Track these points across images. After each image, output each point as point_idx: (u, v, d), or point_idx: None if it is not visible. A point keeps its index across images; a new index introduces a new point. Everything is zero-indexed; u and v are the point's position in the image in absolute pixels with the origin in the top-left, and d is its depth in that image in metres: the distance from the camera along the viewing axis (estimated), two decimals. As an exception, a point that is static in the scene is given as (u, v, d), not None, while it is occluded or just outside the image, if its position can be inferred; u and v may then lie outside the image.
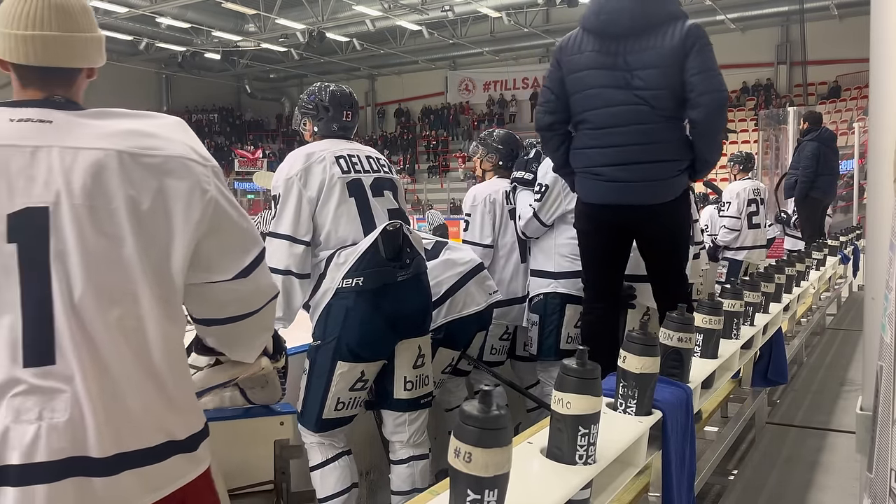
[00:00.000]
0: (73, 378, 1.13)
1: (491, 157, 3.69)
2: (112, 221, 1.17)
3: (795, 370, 4.08)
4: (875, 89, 1.96)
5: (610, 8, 2.55)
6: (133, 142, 1.20)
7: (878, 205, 1.94)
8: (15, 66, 1.24)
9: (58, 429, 1.11)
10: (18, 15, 1.20)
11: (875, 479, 1.28)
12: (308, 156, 2.55)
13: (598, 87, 2.57)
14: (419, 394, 2.65)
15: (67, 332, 1.13)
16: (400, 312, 2.50)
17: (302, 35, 22.06)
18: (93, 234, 1.16)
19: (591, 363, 1.30)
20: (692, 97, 2.53)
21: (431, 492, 1.56)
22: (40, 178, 1.14)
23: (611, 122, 2.57)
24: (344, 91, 2.77)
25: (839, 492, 2.46)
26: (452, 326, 2.90)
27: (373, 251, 2.46)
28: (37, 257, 1.13)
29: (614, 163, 2.58)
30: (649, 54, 2.53)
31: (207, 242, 1.27)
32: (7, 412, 1.10)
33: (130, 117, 1.25)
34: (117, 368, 1.17)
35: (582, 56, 2.61)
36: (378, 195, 2.60)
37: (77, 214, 1.15)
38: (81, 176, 1.15)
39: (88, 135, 1.19)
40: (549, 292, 3.33)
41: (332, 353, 2.46)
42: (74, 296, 1.14)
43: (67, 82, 1.26)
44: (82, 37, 1.25)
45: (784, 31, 22.85)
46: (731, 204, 6.44)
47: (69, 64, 1.25)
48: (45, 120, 1.19)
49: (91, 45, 1.27)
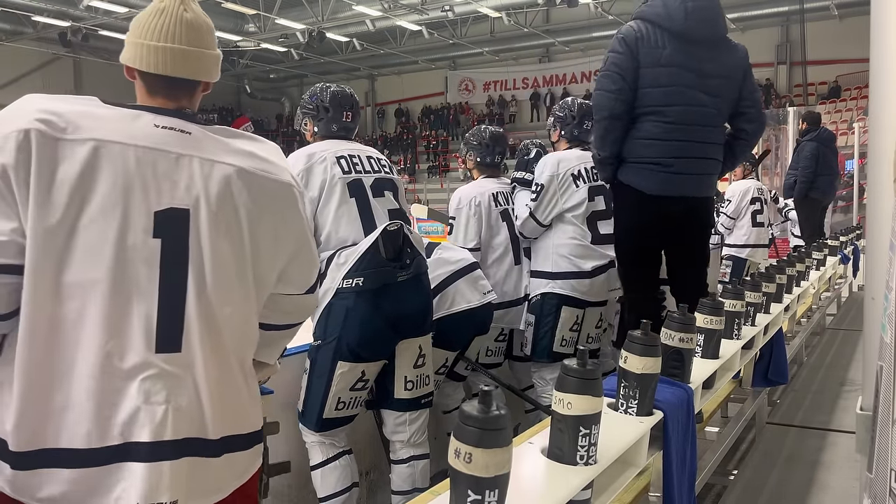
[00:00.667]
0: (194, 365, 1.27)
1: (471, 155, 3.66)
2: (237, 228, 1.33)
3: (795, 370, 4.08)
4: (875, 89, 1.96)
5: (698, 15, 2.70)
6: (254, 163, 1.37)
7: (878, 205, 1.94)
8: (143, 74, 1.37)
9: (181, 411, 1.24)
10: (153, 28, 1.35)
11: (875, 479, 1.28)
12: (309, 156, 2.55)
13: (681, 85, 2.70)
14: (420, 393, 2.65)
15: (196, 323, 1.27)
16: (400, 312, 2.50)
17: (302, 35, 22.06)
18: (222, 237, 1.31)
19: (592, 363, 1.30)
20: (750, 112, 2.87)
21: (432, 492, 1.56)
22: (182, 183, 1.28)
23: (687, 119, 2.72)
24: (345, 91, 2.77)
25: (839, 492, 2.46)
26: (444, 326, 2.89)
27: (373, 251, 2.46)
28: (177, 253, 1.27)
29: (684, 156, 2.74)
30: (721, 65, 2.77)
31: (295, 259, 1.45)
32: (138, 393, 1.22)
33: (247, 139, 1.41)
34: (226, 360, 1.32)
35: (664, 52, 2.70)
36: (379, 195, 2.60)
37: (212, 219, 1.30)
38: (217, 185, 1.31)
39: (220, 150, 1.34)
40: (546, 292, 3.33)
41: (332, 353, 2.46)
42: (205, 291, 1.28)
43: (190, 93, 1.41)
44: (207, 53, 1.40)
45: (784, 31, 22.85)
46: (730, 203, 6.42)
47: (194, 76, 1.39)
48: (186, 131, 1.33)
49: (211, 60, 1.42)
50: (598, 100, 2.79)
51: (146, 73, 1.36)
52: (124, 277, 1.23)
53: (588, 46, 24.73)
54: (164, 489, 1.22)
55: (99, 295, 1.21)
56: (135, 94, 1.44)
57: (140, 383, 1.22)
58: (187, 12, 1.37)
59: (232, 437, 1.32)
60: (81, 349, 1.20)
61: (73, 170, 1.21)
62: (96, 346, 1.20)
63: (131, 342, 1.22)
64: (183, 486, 1.24)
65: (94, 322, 1.21)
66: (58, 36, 21.84)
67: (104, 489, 1.20)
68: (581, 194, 3.29)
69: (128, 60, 1.38)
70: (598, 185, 3.27)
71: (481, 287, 3.08)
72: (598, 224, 3.31)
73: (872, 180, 2.02)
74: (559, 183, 3.26)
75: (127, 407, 1.21)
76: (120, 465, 1.21)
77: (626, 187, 2.83)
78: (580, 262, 3.28)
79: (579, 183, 3.29)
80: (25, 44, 23.04)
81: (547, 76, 26.54)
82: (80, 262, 1.21)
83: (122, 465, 1.21)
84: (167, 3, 1.37)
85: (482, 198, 3.49)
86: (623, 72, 2.71)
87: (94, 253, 1.21)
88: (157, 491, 1.21)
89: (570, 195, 3.28)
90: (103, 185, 1.22)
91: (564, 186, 3.28)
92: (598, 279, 3.31)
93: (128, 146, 1.26)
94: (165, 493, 1.22)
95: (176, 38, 1.35)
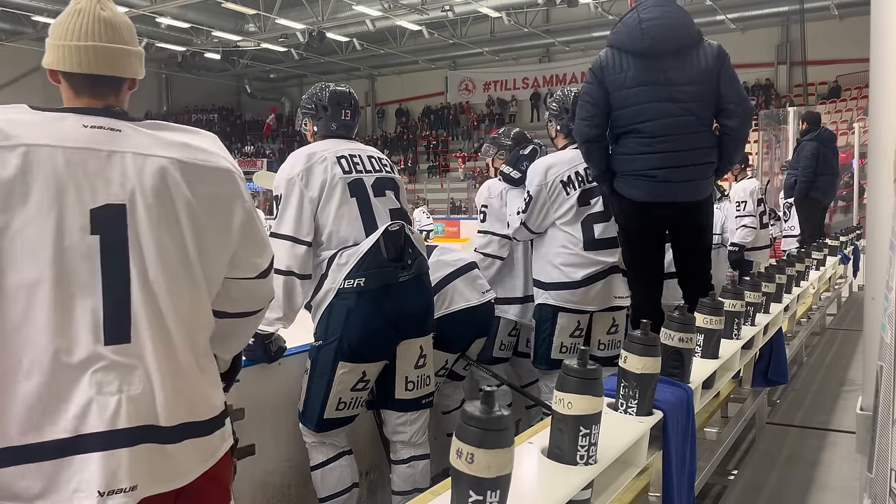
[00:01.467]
0: (144, 355, 1.29)
1: (502, 155, 3.72)
2: (176, 219, 1.35)
3: (795, 370, 4.08)
4: (875, 89, 1.96)
5: (654, 32, 2.85)
6: (188, 153, 1.39)
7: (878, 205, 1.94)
8: (66, 75, 1.39)
9: (134, 399, 1.27)
10: (71, 29, 1.37)
11: (875, 479, 1.28)
12: (309, 156, 2.54)
13: (648, 102, 2.86)
14: (420, 394, 2.65)
15: (142, 314, 1.30)
16: (402, 313, 2.50)
17: (302, 35, 22.07)
18: (161, 228, 1.33)
19: (592, 363, 1.31)
20: (729, 107, 2.90)
21: (432, 492, 1.56)
22: (116, 179, 1.31)
23: (663, 131, 2.87)
24: (343, 90, 2.77)
25: (839, 492, 2.46)
26: (443, 326, 2.89)
27: (374, 252, 2.46)
28: (116, 248, 1.29)
29: (667, 165, 2.88)
30: (691, 71, 2.87)
31: (243, 243, 1.47)
32: (90, 385, 1.24)
33: (181, 131, 1.43)
34: (178, 348, 1.34)
35: (627, 75, 2.88)
36: (380, 195, 2.59)
37: (149, 211, 1.32)
38: (151, 178, 1.33)
39: (152, 144, 1.36)
40: (541, 303, 3.32)
41: (333, 353, 2.46)
42: (148, 282, 1.31)
43: (116, 91, 1.42)
44: (126, 49, 1.41)
45: (784, 31, 22.86)
46: (747, 203, 6.17)
47: (117, 73, 1.40)
48: (115, 129, 1.34)
49: (133, 57, 1.43)
50: (575, 128, 3.03)
51: (69, 73, 1.38)
52: (65, 276, 1.25)
53: (588, 46, 24.73)
54: (122, 476, 1.23)
55: (42, 295, 1.23)
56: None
57: (91, 375, 1.25)
58: (104, 11, 1.39)
59: (190, 423, 1.35)
60: (29, 348, 1.23)
61: (6, 175, 1.23)
62: (44, 343, 1.23)
63: (78, 337, 1.25)
64: (142, 472, 1.26)
65: (40, 321, 1.23)
66: (58, 36, 21.86)
67: (62, 482, 1.22)
68: (571, 201, 3.22)
69: (50, 64, 1.39)
70: (595, 187, 3.22)
71: (480, 286, 3.08)
72: (595, 227, 3.22)
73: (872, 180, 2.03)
74: (548, 192, 3.20)
75: (79, 400, 1.23)
76: (74, 458, 1.22)
77: (621, 197, 3.00)
78: (570, 271, 3.20)
79: (570, 189, 3.22)
80: (25, 44, 23.03)
81: (547, 76, 26.56)
82: (20, 265, 1.23)
83: (76, 457, 1.22)
84: (83, 4, 1.39)
85: None
86: (593, 100, 2.93)
87: (34, 255, 1.24)
88: (115, 478, 1.23)
89: (561, 203, 3.22)
90: (36, 189, 1.25)
91: (554, 195, 3.21)
92: (594, 287, 3.21)
93: (56, 148, 1.28)
94: (125, 480, 1.23)
95: (96, 37, 1.37)
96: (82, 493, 1.21)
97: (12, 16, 21.34)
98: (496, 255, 3.52)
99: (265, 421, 2.48)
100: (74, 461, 1.22)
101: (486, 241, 3.54)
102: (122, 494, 1.23)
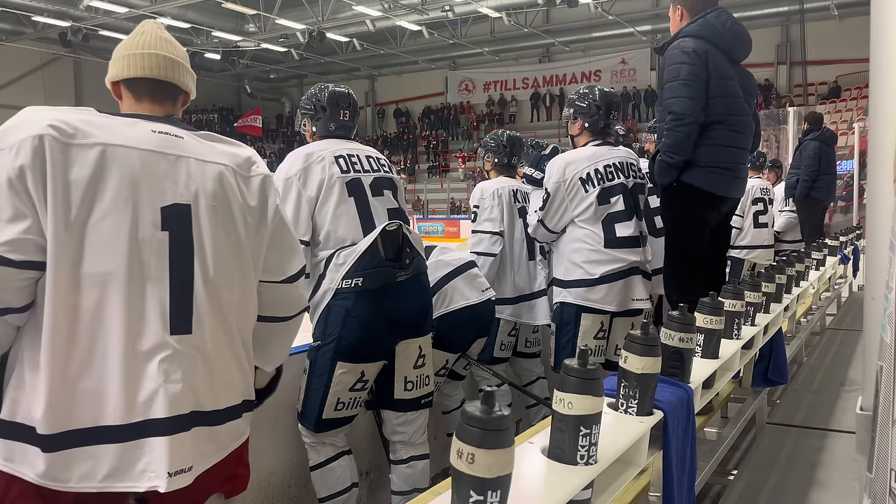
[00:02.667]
0: (204, 345, 1.42)
1: (489, 157, 3.82)
2: (232, 221, 1.49)
3: (795, 370, 4.08)
4: (875, 89, 1.96)
5: (742, 38, 3.05)
6: (237, 161, 1.54)
7: (878, 205, 1.94)
8: (128, 83, 1.54)
9: (193, 387, 1.39)
10: (135, 43, 1.55)
11: (875, 479, 1.28)
12: (307, 156, 2.55)
13: (735, 97, 2.98)
14: (420, 394, 2.65)
15: (203, 307, 1.42)
16: (400, 312, 2.50)
17: (302, 35, 22.06)
18: (220, 228, 1.47)
19: (593, 363, 1.31)
20: (756, 130, 3.15)
21: (433, 492, 1.56)
22: (182, 181, 1.43)
23: (745, 129, 3.03)
24: (342, 91, 2.76)
25: (839, 492, 2.46)
26: (444, 325, 2.89)
27: (372, 251, 2.45)
28: (183, 244, 1.41)
29: (742, 162, 3.10)
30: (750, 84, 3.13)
31: (272, 246, 1.58)
32: (159, 373, 1.35)
33: (227, 143, 1.58)
34: (230, 340, 1.48)
35: (723, 67, 2.97)
36: (378, 195, 2.59)
37: (210, 212, 1.46)
38: (211, 182, 1.47)
39: (208, 151, 1.50)
40: (562, 301, 3.23)
41: (332, 353, 2.46)
42: (208, 278, 1.43)
43: (173, 100, 1.58)
44: (183, 63, 1.59)
45: (784, 31, 22.84)
46: None
47: (176, 81, 1.56)
48: (178, 135, 1.47)
49: (188, 73, 1.61)
50: (679, 106, 2.87)
51: (132, 80, 1.53)
52: (138, 267, 1.36)
53: (588, 46, 24.73)
54: (186, 458, 1.36)
55: (116, 284, 1.33)
56: None
57: (159, 364, 1.35)
58: (164, 33, 1.58)
59: (232, 407, 1.49)
60: (105, 335, 1.32)
61: (85, 171, 1.33)
62: (119, 331, 1.33)
63: (148, 326, 1.36)
64: (198, 453, 1.40)
65: (115, 309, 1.33)
66: (58, 36, 21.86)
67: (130, 463, 1.32)
68: (591, 199, 3.14)
69: (114, 76, 1.54)
70: (616, 185, 3.16)
71: (479, 285, 3.08)
72: (616, 227, 3.14)
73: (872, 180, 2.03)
74: (567, 189, 3.14)
75: (148, 386, 1.34)
76: (143, 441, 1.33)
77: (691, 188, 2.94)
78: (590, 267, 3.12)
79: (588, 187, 3.14)
80: (25, 44, 23.05)
81: (547, 76, 26.55)
82: (97, 256, 1.33)
83: (145, 440, 1.33)
84: (147, 27, 1.57)
85: (503, 191, 3.65)
86: (699, 81, 2.89)
87: (110, 246, 1.34)
88: (180, 460, 1.35)
89: (580, 201, 3.14)
90: (112, 185, 1.35)
91: (573, 193, 3.14)
92: (614, 285, 3.13)
93: (130, 149, 1.38)
94: (187, 460, 1.37)
95: (157, 48, 1.54)
96: (151, 473, 1.32)
97: (12, 16, 21.32)
98: (488, 252, 3.54)
99: (265, 421, 2.47)
100: (143, 444, 1.32)
101: (477, 240, 3.59)
102: (184, 474, 1.36)
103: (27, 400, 1.30)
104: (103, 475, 1.30)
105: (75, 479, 1.29)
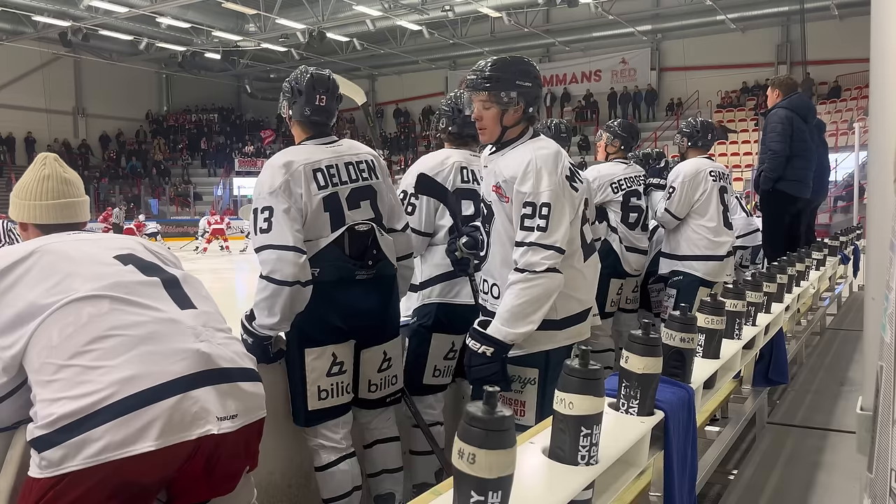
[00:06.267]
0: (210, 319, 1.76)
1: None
2: None
3: (795, 370, 4.08)
4: (875, 89, 1.96)
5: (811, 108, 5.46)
6: None
7: (878, 205, 1.95)
8: (39, 226, 1.90)
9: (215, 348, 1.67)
10: (43, 190, 1.88)
11: (875, 479, 1.28)
12: (286, 168, 2.46)
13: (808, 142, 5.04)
14: (384, 394, 2.68)
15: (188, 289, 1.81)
16: (355, 309, 2.50)
17: (302, 35, 22.08)
18: None
19: (594, 363, 1.31)
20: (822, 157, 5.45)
21: (434, 492, 1.56)
22: None
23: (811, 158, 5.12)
24: (321, 74, 2.63)
25: (839, 492, 2.46)
26: (442, 313, 2.88)
27: (333, 246, 2.48)
28: None
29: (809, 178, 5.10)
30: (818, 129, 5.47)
31: None
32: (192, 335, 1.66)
33: None
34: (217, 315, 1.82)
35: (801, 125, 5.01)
36: (354, 207, 2.54)
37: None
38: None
39: None
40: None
41: (297, 342, 2.49)
42: None
43: None
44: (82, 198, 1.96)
45: (784, 31, 22.86)
46: None
47: (79, 219, 1.95)
48: None
49: None
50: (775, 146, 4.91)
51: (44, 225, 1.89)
52: None
53: (588, 46, 24.75)
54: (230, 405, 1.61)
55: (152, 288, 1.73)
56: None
57: (191, 329, 1.67)
58: (66, 173, 1.93)
59: (240, 369, 1.71)
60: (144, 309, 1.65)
61: None
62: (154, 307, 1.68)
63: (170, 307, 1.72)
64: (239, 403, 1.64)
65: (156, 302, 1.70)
66: (58, 36, 21.86)
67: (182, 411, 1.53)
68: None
69: (25, 220, 1.91)
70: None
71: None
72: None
73: (872, 180, 2.03)
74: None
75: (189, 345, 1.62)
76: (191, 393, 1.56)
77: (783, 193, 4.93)
78: None
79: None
80: (26, 44, 23.05)
81: (547, 76, 26.54)
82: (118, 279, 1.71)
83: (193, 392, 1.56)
84: (48, 165, 1.91)
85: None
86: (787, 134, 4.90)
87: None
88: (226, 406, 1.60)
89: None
90: None
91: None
92: None
93: None
94: (232, 407, 1.61)
95: (64, 194, 1.90)
96: (201, 420, 1.54)
97: (12, 15, 21.33)
98: None
99: (266, 421, 2.47)
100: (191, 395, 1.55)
101: None
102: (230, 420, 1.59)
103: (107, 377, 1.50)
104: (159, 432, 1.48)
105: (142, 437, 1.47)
